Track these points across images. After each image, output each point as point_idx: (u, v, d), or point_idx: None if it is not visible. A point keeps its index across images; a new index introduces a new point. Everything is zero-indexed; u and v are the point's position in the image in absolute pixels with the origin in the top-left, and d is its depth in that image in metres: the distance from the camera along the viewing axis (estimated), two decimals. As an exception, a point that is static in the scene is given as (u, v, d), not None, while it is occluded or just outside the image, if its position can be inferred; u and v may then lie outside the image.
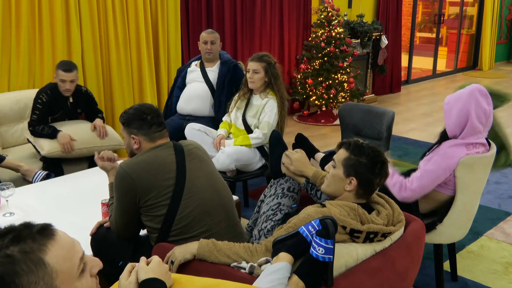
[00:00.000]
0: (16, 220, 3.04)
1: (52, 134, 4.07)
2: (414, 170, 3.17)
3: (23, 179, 3.95)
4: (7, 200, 3.12)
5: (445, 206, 3.15)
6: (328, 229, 1.82)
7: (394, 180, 3.02)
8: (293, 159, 2.72)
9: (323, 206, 2.16)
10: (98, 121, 4.32)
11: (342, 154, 2.27)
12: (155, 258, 1.68)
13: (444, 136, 3.06)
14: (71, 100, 4.29)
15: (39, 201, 3.37)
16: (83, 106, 4.41)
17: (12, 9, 4.63)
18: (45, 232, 1.27)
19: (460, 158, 2.91)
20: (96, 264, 1.40)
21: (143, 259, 1.67)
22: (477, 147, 2.96)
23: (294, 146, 3.95)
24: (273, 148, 2.90)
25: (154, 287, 1.57)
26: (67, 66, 4.13)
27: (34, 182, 3.89)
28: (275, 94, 3.94)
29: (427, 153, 3.10)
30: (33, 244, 1.23)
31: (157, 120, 2.53)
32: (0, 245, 1.22)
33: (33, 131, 4.14)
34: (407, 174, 3.16)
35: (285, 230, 2.10)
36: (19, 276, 1.20)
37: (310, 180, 2.68)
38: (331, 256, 1.82)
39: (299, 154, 2.76)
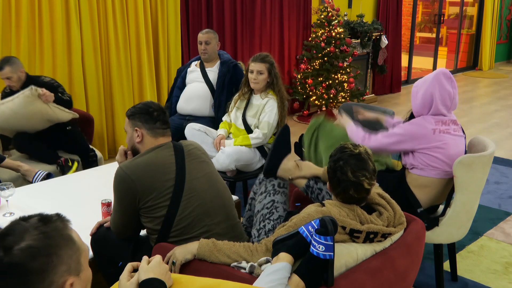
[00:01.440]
0: (16, 220, 3.07)
1: None
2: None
3: (23, 179, 3.96)
4: (7, 200, 3.13)
5: (442, 195, 3.17)
6: (327, 227, 1.83)
7: (357, 132, 3.22)
8: (302, 166, 2.77)
9: (323, 205, 2.17)
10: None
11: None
12: (155, 258, 1.70)
13: (411, 117, 3.21)
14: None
15: (39, 201, 3.37)
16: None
17: (12, 9, 4.64)
18: (62, 218, 1.37)
19: (428, 129, 3.02)
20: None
21: (145, 258, 1.69)
22: (446, 123, 3.06)
23: (296, 145, 3.96)
24: (278, 146, 2.87)
25: (154, 286, 1.59)
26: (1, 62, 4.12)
27: (34, 182, 3.90)
28: (276, 94, 3.95)
29: None
30: (58, 224, 1.34)
31: (163, 117, 2.54)
32: (29, 226, 1.30)
33: None
34: None
35: (285, 229, 2.11)
36: (59, 247, 1.29)
37: (321, 178, 2.71)
38: (332, 253, 1.83)
39: (305, 162, 2.84)
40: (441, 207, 3.28)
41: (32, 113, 4.06)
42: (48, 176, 3.97)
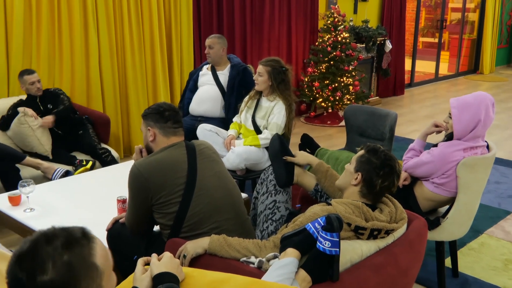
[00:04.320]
0: (36, 216, 3.16)
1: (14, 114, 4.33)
2: None
3: (43, 177, 4.06)
4: (27, 197, 3.21)
5: (444, 205, 3.26)
6: (332, 224, 1.86)
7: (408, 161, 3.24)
8: (297, 154, 2.81)
9: (329, 204, 2.20)
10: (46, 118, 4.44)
11: (359, 152, 2.35)
12: (166, 254, 1.74)
13: (450, 138, 3.17)
14: (38, 100, 4.51)
15: (58, 197, 3.45)
16: (54, 102, 4.57)
17: (33, 16, 4.77)
18: (87, 235, 1.30)
19: (455, 163, 3.02)
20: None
21: (154, 255, 1.73)
22: (475, 149, 3.08)
23: (300, 146, 4.03)
24: (281, 157, 2.82)
25: (167, 280, 1.62)
26: (29, 70, 4.47)
27: (53, 179, 3.99)
28: (281, 98, 3.96)
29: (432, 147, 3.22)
30: (83, 248, 1.27)
31: (174, 117, 2.58)
32: (53, 252, 1.23)
33: (2, 123, 4.41)
34: None
35: (291, 228, 2.14)
36: (79, 281, 1.24)
37: (313, 168, 2.73)
38: (338, 249, 1.85)
39: (300, 152, 2.88)
40: (441, 208, 3.34)
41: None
42: (67, 173, 4.07)
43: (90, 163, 4.28)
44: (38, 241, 1.25)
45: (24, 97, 4.56)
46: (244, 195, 3.36)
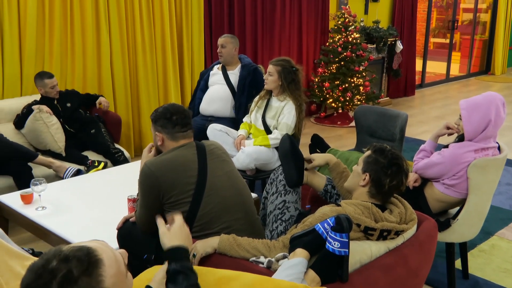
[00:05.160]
0: (48, 214, 3.19)
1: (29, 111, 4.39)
2: None
3: (55, 176, 4.11)
4: (39, 195, 3.25)
5: (455, 207, 3.26)
6: (342, 224, 1.86)
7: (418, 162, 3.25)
8: (313, 157, 2.80)
9: (338, 205, 2.20)
10: (101, 99, 4.88)
11: (366, 153, 2.34)
12: (176, 222, 1.74)
13: (461, 140, 3.17)
14: (55, 102, 4.57)
15: (69, 196, 3.48)
16: (71, 100, 4.67)
17: (46, 17, 4.82)
18: (92, 260, 1.23)
19: (466, 164, 3.02)
20: (125, 256, 1.40)
21: (161, 223, 1.72)
22: (486, 150, 3.07)
23: (311, 147, 4.04)
24: (291, 157, 2.75)
25: (179, 257, 1.63)
26: (49, 74, 4.56)
27: (65, 177, 4.03)
28: (291, 98, 3.99)
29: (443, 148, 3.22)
30: (90, 279, 1.21)
31: (182, 121, 2.57)
32: (56, 286, 1.17)
33: (17, 122, 4.47)
34: None
35: (300, 229, 2.13)
36: None
37: (330, 166, 2.72)
38: (347, 250, 1.86)
39: (314, 154, 2.87)
40: (452, 210, 3.34)
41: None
42: (78, 172, 4.12)
43: (102, 164, 4.31)
44: (42, 276, 1.19)
45: (37, 97, 4.61)
46: (254, 195, 3.37)
